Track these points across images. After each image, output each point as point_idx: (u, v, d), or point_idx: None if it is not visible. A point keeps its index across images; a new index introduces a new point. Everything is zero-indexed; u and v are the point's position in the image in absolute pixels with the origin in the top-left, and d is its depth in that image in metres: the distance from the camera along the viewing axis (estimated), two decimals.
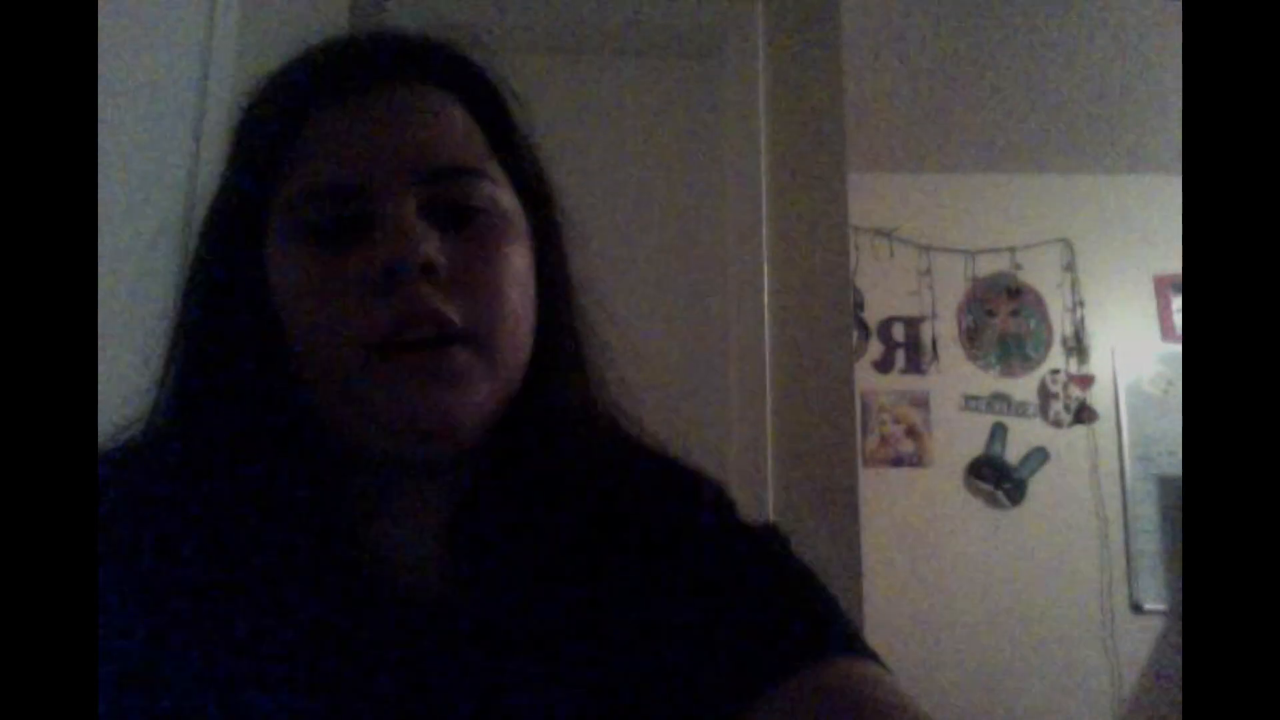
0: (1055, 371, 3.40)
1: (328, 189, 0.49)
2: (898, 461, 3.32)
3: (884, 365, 3.40)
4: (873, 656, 0.49)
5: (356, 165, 0.49)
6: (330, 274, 0.48)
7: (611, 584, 0.53)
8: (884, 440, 3.34)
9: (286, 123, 0.51)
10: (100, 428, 0.52)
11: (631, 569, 0.53)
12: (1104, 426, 3.36)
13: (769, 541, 0.59)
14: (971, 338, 3.43)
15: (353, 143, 0.50)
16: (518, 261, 0.52)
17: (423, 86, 0.53)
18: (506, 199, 0.53)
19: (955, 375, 3.39)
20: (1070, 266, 3.47)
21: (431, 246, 0.48)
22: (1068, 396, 3.37)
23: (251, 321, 0.50)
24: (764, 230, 1.77)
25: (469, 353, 0.48)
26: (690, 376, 1.73)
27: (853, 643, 0.50)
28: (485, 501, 0.53)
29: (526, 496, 0.53)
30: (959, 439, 3.35)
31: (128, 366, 1.01)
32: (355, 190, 0.49)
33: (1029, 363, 3.42)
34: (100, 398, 0.48)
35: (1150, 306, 3.45)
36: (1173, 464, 3.30)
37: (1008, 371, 3.41)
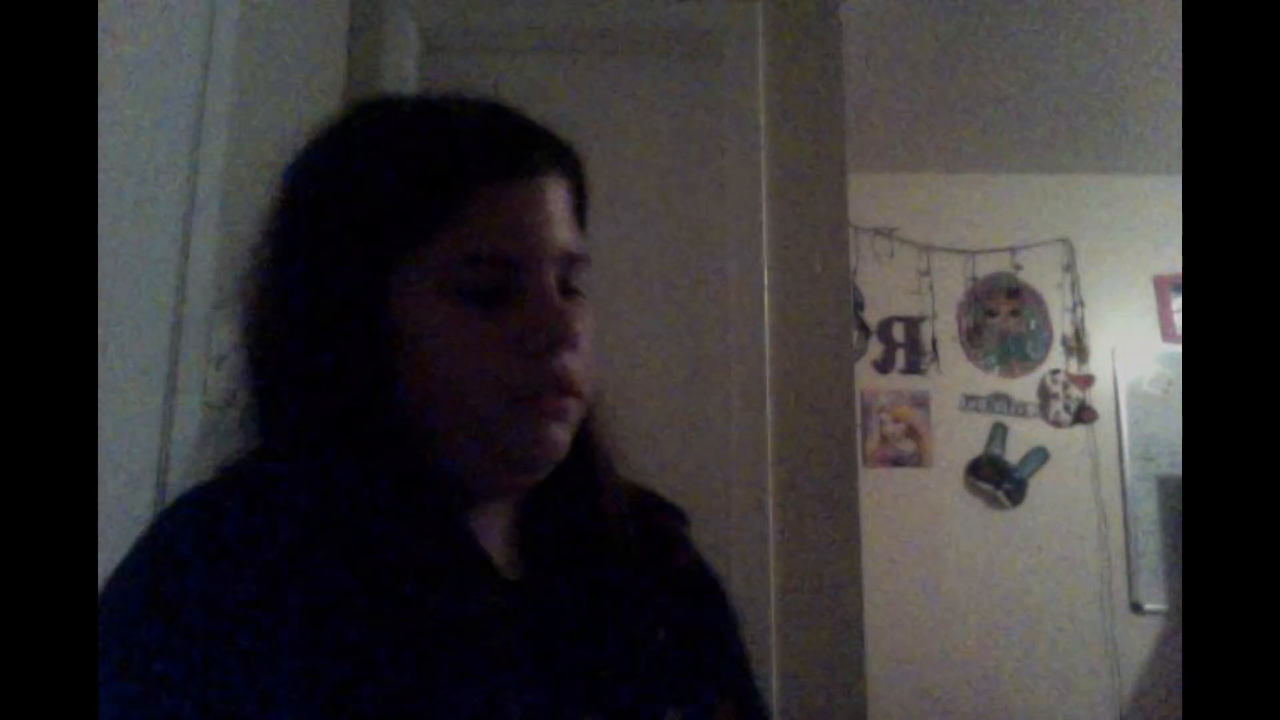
0: (1055, 371, 3.40)
1: (490, 256, 0.58)
2: (898, 461, 3.32)
3: (884, 365, 3.40)
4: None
5: (518, 241, 0.58)
6: (484, 332, 0.57)
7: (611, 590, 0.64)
8: (884, 440, 3.34)
9: (454, 187, 0.58)
10: (101, 428, 0.52)
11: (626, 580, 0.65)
12: (1104, 427, 3.36)
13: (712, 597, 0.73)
14: (971, 338, 3.43)
15: (517, 222, 0.59)
16: None
17: (558, 178, 0.63)
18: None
19: (955, 375, 3.39)
20: (1070, 266, 3.47)
21: (574, 319, 0.59)
22: (1068, 396, 3.37)
23: (371, 364, 0.57)
24: (764, 230, 1.77)
25: (578, 404, 0.60)
26: (690, 377, 1.73)
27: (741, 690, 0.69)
28: (539, 514, 0.66)
29: (565, 510, 0.66)
30: (959, 439, 3.35)
31: (127, 367, 1.01)
32: (514, 262, 0.58)
33: (1029, 363, 3.42)
34: (100, 398, 0.48)
35: (1150, 307, 3.45)
36: (1173, 464, 3.30)
37: (1008, 371, 3.41)
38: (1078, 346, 3.41)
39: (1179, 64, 2.58)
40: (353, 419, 0.57)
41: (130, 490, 0.96)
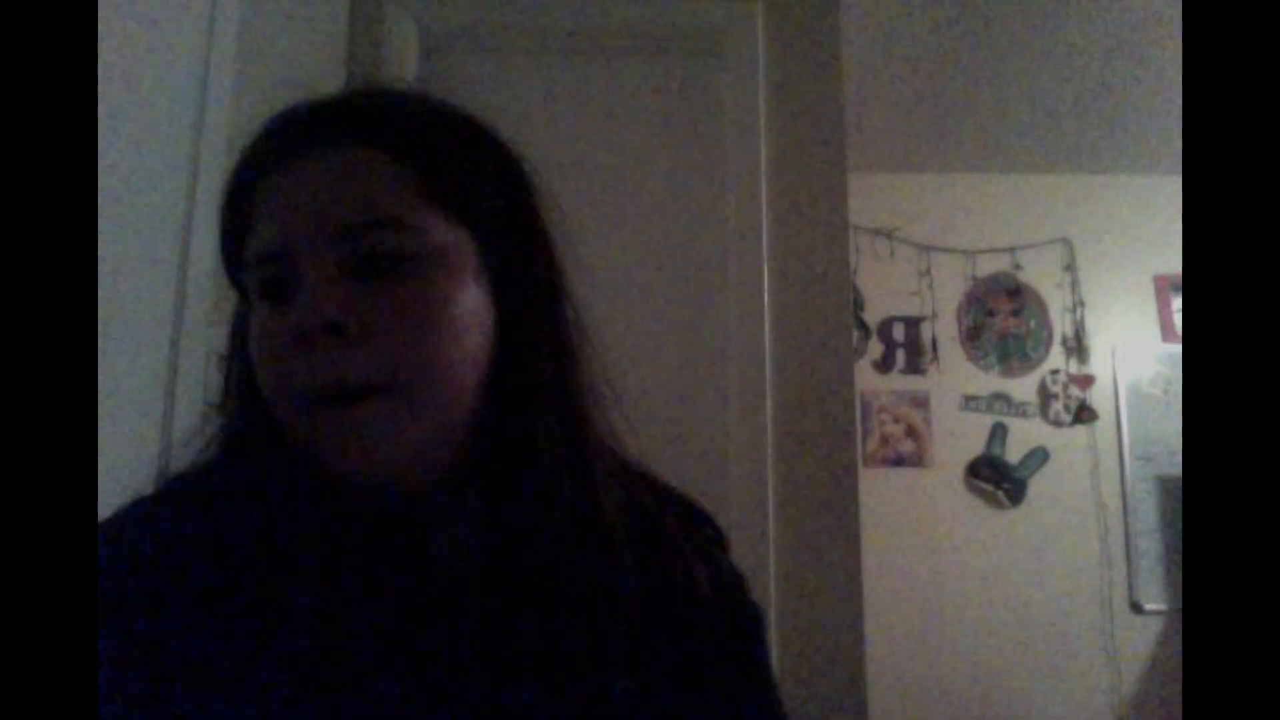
0: (1055, 371, 3.40)
1: (265, 254, 0.54)
2: (898, 461, 3.32)
3: (884, 365, 3.40)
4: None
5: (282, 230, 0.54)
6: (272, 332, 0.53)
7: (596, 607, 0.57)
8: (884, 440, 3.34)
9: (240, 189, 0.57)
10: (100, 427, 0.52)
11: (619, 603, 0.58)
12: (1104, 426, 3.36)
13: (745, 630, 0.66)
14: (971, 338, 3.43)
15: (280, 209, 0.54)
16: (453, 302, 0.55)
17: (351, 148, 0.55)
18: (444, 241, 0.55)
19: (955, 375, 3.39)
20: (1070, 266, 3.47)
21: (334, 305, 0.51)
22: (1068, 396, 3.37)
23: (241, 376, 0.58)
24: (764, 230, 1.77)
25: (384, 403, 0.52)
26: (690, 377, 1.73)
27: None
28: (503, 507, 0.58)
29: (524, 511, 0.58)
30: (959, 439, 3.35)
31: (127, 369, 1.01)
32: (283, 254, 0.53)
33: (1029, 363, 3.42)
34: (100, 397, 0.48)
35: (1150, 306, 3.45)
36: (1173, 464, 3.30)
37: (1008, 371, 3.41)
38: (1078, 346, 3.41)
39: (1179, 64, 2.58)
40: (243, 428, 0.58)
41: (130, 490, 0.96)
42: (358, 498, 0.55)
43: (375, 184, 0.54)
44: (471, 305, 0.56)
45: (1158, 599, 3.23)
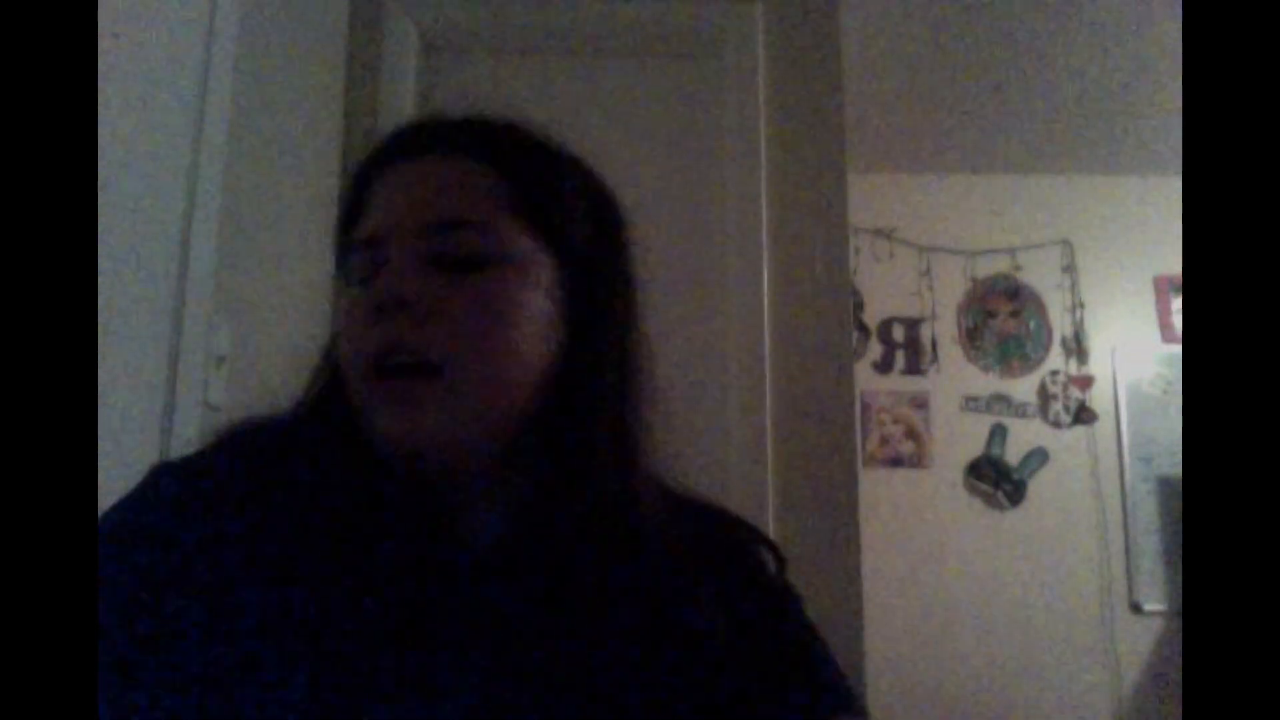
0: (1055, 372, 3.40)
1: (364, 240, 0.60)
2: (897, 462, 3.32)
3: (884, 366, 3.40)
4: (863, 715, 0.62)
5: (382, 219, 0.60)
6: (355, 307, 0.59)
7: (609, 589, 0.59)
8: (884, 441, 3.34)
9: (358, 182, 0.64)
10: (101, 428, 0.52)
11: (657, 604, 0.60)
12: (1104, 427, 3.36)
13: (785, 603, 0.68)
14: (971, 338, 3.43)
15: (384, 201, 0.61)
16: (519, 305, 0.59)
17: (451, 157, 0.62)
18: (522, 250, 0.60)
19: (955, 376, 3.39)
20: (1070, 267, 3.47)
21: (411, 285, 0.56)
22: (1067, 397, 3.37)
23: (331, 351, 0.63)
24: (764, 231, 1.77)
25: (436, 383, 0.56)
26: (691, 377, 1.73)
27: (849, 704, 0.61)
28: (534, 503, 0.61)
29: (558, 504, 0.60)
30: (959, 440, 3.35)
31: (127, 369, 1.01)
32: (377, 241, 0.59)
33: (1029, 363, 3.42)
34: (101, 397, 0.48)
35: (1150, 307, 3.45)
36: (1172, 465, 3.30)
37: (1007, 372, 3.41)
38: (1077, 347, 3.41)
39: (1179, 64, 2.58)
40: (320, 399, 0.64)
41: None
42: (398, 469, 0.58)
43: (469, 190, 0.60)
44: (536, 312, 0.60)
45: (1157, 599, 3.23)
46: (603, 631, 0.57)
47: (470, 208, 0.59)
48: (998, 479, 3.31)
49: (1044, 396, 3.38)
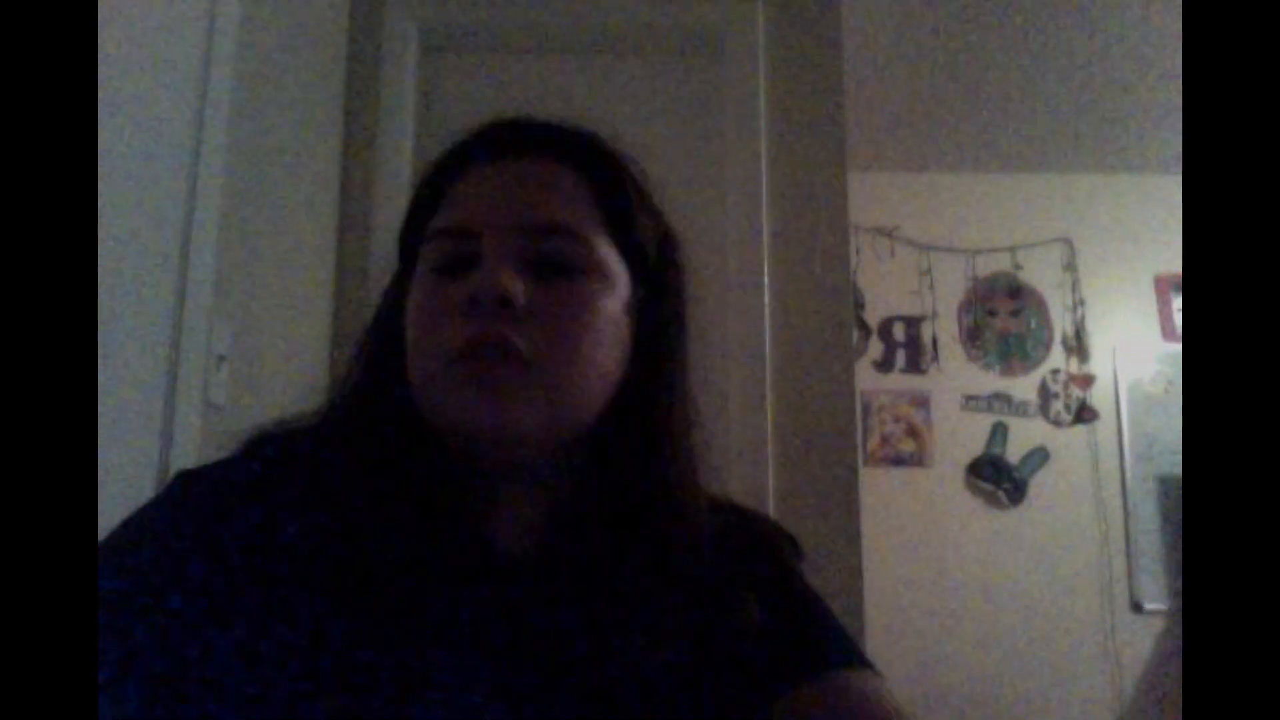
0: (1056, 371, 3.40)
1: (453, 230, 0.61)
2: (898, 461, 3.32)
3: (884, 365, 3.40)
4: (870, 667, 0.62)
5: (476, 214, 0.61)
6: (440, 298, 0.59)
7: (661, 590, 0.60)
8: (884, 440, 3.34)
9: (441, 177, 0.64)
10: (101, 428, 0.52)
11: (682, 583, 0.61)
12: (1104, 426, 3.35)
13: (787, 565, 0.71)
14: (972, 337, 3.43)
15: (478, 197, 0.62)
16: (603, 314, 0.61)
17: (547, 160, 0.63)
18: (607, 261, 0.62)
19: (956, 375, 3.39)
20: (1071, 266, 3.47)
21: (512, 284, 0.57)
22: (1068, 396, 3.37)
23: (389, 337, 0.63)
24: (764, 229, 1.77)
25: (524, 374, 0.57)
26: (691, 374, 1.72)
27: (852, 656, 0.62)
28: (573, 507, 0.62)
29: (602, 510, 0.62)
30: (959, 438, 3.35)
31: (127, 368, 1.01)
32: (471, 234, 0.60)
33: (1029, 362, 3.42)
34: (100, 397, 0.48)
35: (1151, 306, 3.45)
36: (1173, 464, 3.29)
37: (1008, 371, 3.41)
38: (1078, 346, 3.40)
39: (1179, 64, 2.58)
40: (367, 390, 0.64)
41: (130, 490, 0.96)
42: (454, 460, 0.60)
43: (565, 196, 0.62)
44: (615, 324, 0.62)
45: (1158, 598, 3.23)
46: (635, 634, 0.58)
47: (567, 215, 0.61)
48: (998, 478, 3.31)
49: (1045, 395, 3.38)
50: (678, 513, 0.62)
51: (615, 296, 0.62)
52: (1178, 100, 2.89)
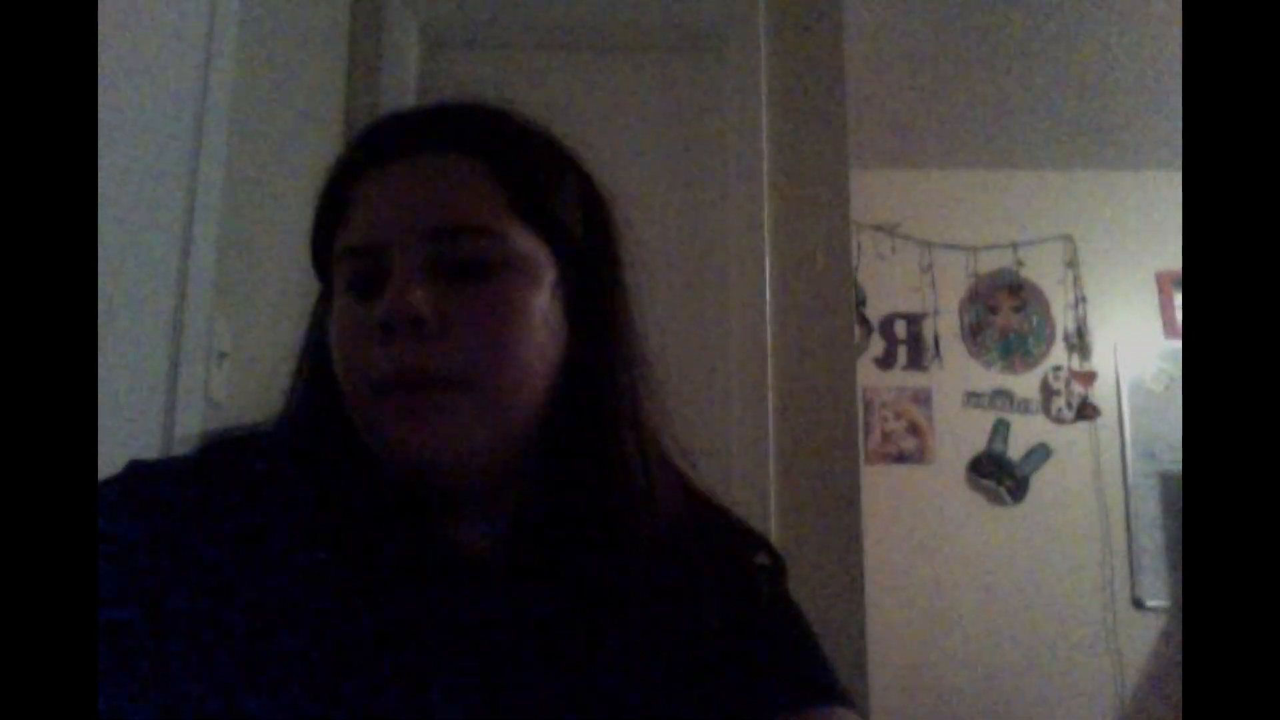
0: (1057, 368, 3.39)
1: (360, 249, 0.57)
2: (899, 458, 3.32)
3: (886, 362, 3.40)
4: (843, 698, 0.60)
5: (378, 226, 0.57)
6: (356, 322, 0.56)
7: (618, 595, 0.58)
8: (886, 437, 3.34)
9: (337, 188, 0.60)
10: (101, 428, 0.53)
11: (655, 601, 0.59)
12: (1106, 423, 3.35)
13: (774, 594, 0.67)
14: (974, 334, 3.42)
15: (377, 206, 0.57)
16: (526, 309, 0.57)
17: (447, 153, 0.58)
18: (524, 250, 0.58)
19: (957, 372, 3.39)
20: (1072, 263, 3.47)
21: (422, 301, 0.54)
22: (1070, 393, 3.37)
23: (322, 357, 0.60)
24: (766, 227, 1.77)
25: (457, 395, 0.54)
26: (692, 374, 1.73)
27: (830, 694, 0.60)
28: (537, 506, 0.60)
29: (566, 516, 0.60)
30: (961, 435, 3.35)
31: (128, 367, 1.01)
32: (376, 249, 0.56)
33: (1031, 359, 3.41)
34: (100, 398, 0.48)
35: (1152, 303, 3.45)
36: (1175, 460, 3.29)
37: (1010, 368, 3.41)
38: (1080, 343, 3.40)
39: (1179, 61, 2.57)
40: (309, 409, 0.62)
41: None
42: (399, 480, 0.57)
43: (468, 191, 0.57)
44: (546, 314, 0.58)
45: (1159, 595, 3.23)
46: (602, 636, 0.57)
47: (474, 211, 0.57)
48: (1000, 475, 3.31)
49: (1046, 392, 3.38)
50: (635, 499, 0.60)
51: (539, 285, 0.58)
52: (1178, 98, 2.88)
